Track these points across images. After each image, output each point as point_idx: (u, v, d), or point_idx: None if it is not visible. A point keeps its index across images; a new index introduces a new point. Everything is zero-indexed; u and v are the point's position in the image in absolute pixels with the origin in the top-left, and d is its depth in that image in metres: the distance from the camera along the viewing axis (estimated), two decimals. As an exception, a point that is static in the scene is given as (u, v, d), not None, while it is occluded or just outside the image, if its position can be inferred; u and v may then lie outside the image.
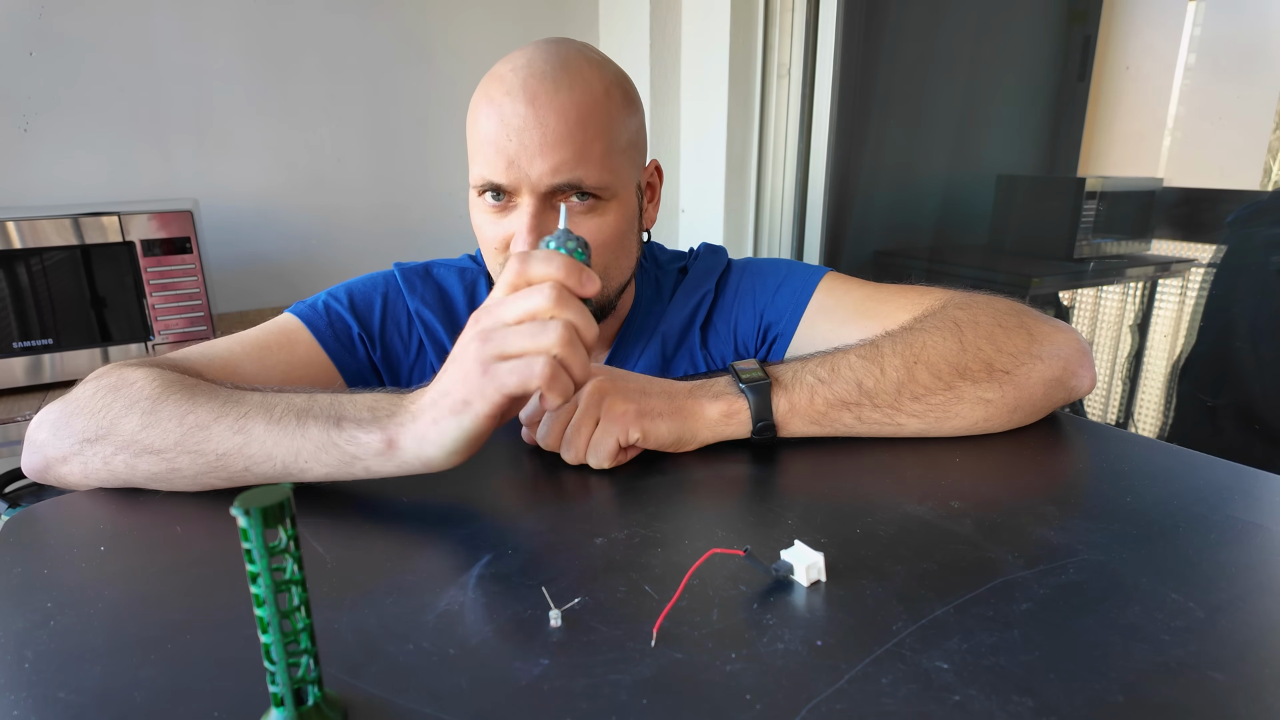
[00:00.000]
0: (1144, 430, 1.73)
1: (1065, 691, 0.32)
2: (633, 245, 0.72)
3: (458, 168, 1.81)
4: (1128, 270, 1.70)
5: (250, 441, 0.49)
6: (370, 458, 0.48)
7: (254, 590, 0.28)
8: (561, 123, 0.62)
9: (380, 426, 0.47)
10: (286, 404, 0.50)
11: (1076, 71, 1.78)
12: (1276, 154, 1.46)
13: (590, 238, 0.66)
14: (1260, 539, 0.44)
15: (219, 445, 0.49)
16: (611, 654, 0.34)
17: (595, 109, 0.63)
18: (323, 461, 0.48)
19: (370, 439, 0.47)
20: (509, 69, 0.64)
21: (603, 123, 0.64)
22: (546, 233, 0.64)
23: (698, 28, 1.70)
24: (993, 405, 0.57)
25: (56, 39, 1.41)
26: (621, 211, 0.68)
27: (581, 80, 0.63)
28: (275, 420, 0.49)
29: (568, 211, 0.65)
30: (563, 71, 0.63)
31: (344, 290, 0.74)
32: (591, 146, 0.63)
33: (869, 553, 0.43)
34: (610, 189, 0.66)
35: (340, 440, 0.48)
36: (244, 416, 0.49)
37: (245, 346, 0.65)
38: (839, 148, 1.64)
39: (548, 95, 0.62)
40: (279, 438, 0.48)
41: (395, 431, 0.47)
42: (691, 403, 0.56)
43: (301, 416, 0.49)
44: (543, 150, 0.62)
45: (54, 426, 0.53)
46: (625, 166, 0.68)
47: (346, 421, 0.48)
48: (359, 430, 0.47)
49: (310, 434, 0.48)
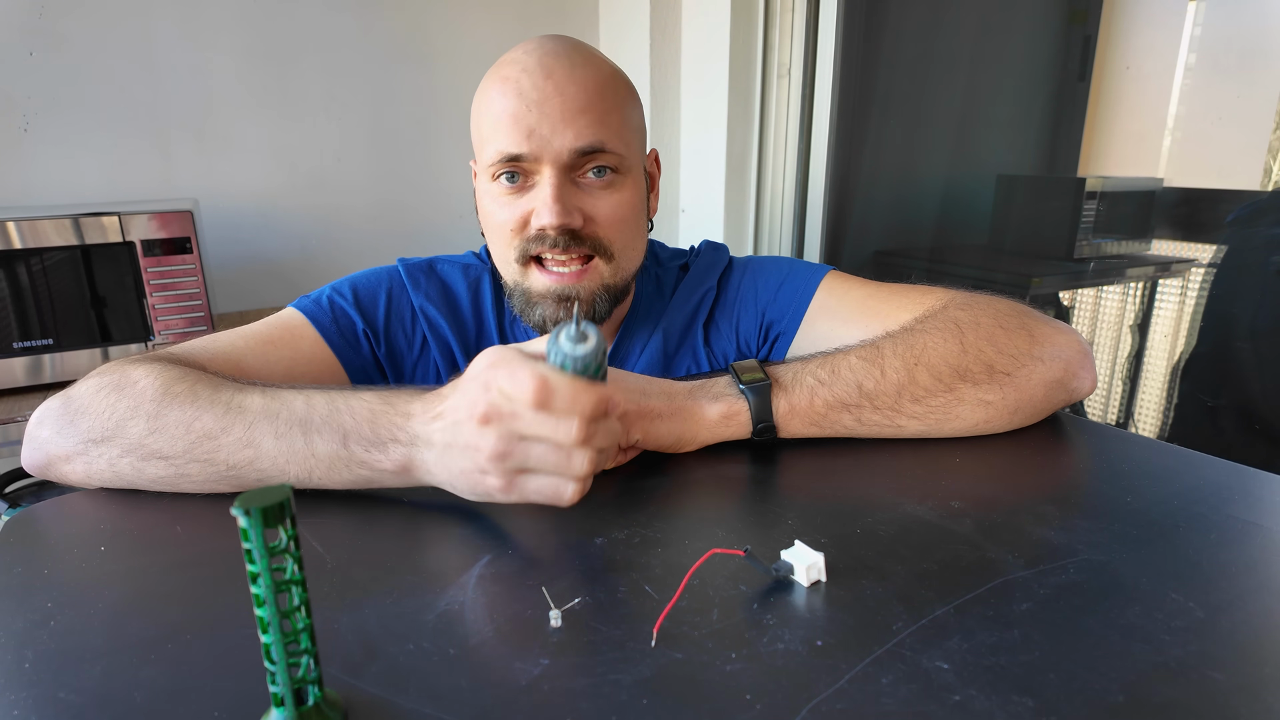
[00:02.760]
0: (1144, 430, 1.73)
1: (1065, 691, 0.32)
2: (643, 228, 0.73)
3: (458, 167, 1.81)
4: (1128, 270, 1.70)
5: (260, 456, 0.49)
6: (386, 479, 0.49)
7: (254, 590, 0.28)
8: (581, 92, 0.63)
9: (386, 452, 0.48)
10: (289, 412, 0.50)
11: (1076, 71, 1.78)
12: (1276, 154, 1.46)
13: (609, 214, 0.66)
14: (1260, 539, 0.44)
15: (229, 458, 0.49)
16: (611, 654, 0.34)
17: (609, 83, 0.66)
18: (338, 479, 0.49)
19: (383, 465, 0.48)
20: (520, 53, 0.65)
21: (617, 96, 0.66)
22: (569, 204, 0.64)
23: (698, 28, 1.70)
24: (993, 407, 0.57)
25: (56, 39, 1.41)
26: (635, 188, 0.69)
27: (593, 59, 0.66)
28: (281, 435, 0.49)
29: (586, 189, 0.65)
30: (575, 51, 0.65)
31: (348, 285, 0.73)
32: (610, 115, 0.65)
33: (869, 553, 0.43)
34: (626, 161, 0.67)
35: (352, 463, 0.48)
36: (250, 428, 0.49)
37: (248, 341, 0.65)
38: (839, 148, 1.64)
39: (565, 70, 0.63)
40: (288, 455, 0.49)
41: (407, 461, 0.48)
42: (691, 404, 0.56)
43: (306, 430, 0.49)
44: (565, 118, 0.63)
45: (57, 424, 0.52)
46: (635, 145, 0.69)
47: (351, 442, 0.48)
48: (367, 455, 0.48)
49: (318, 453, 0.48)
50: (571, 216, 0.64)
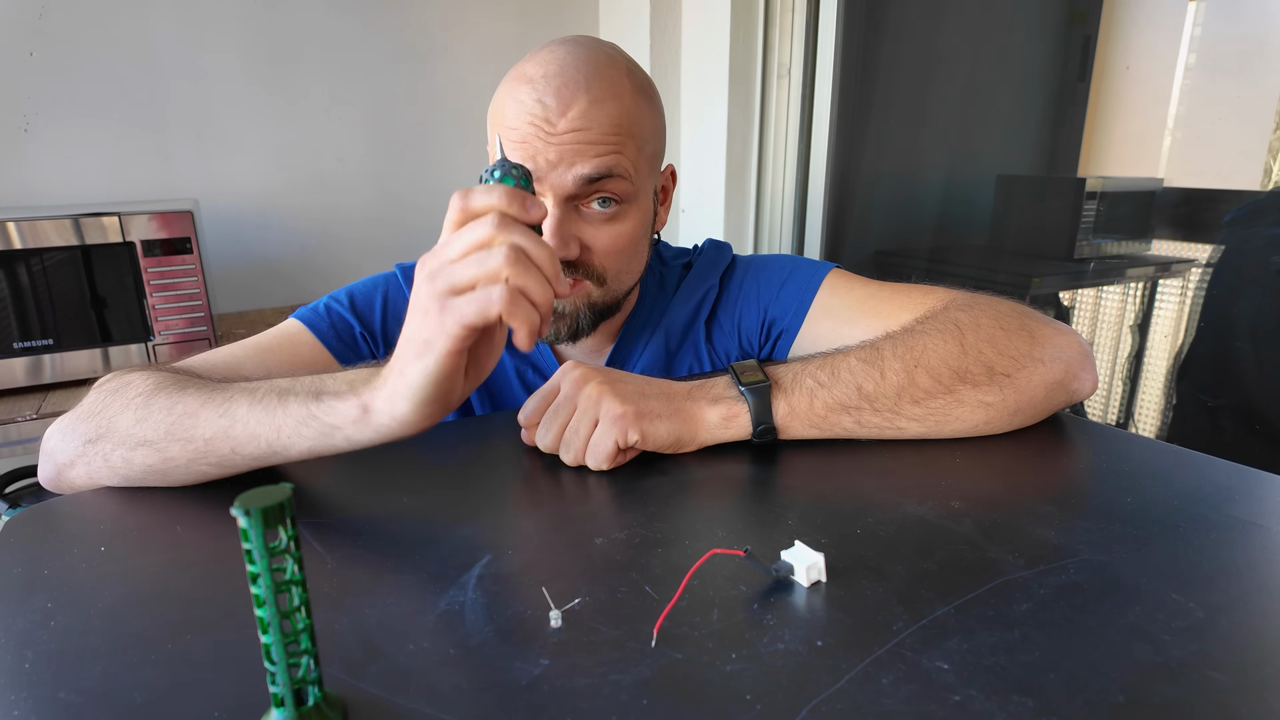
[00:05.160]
0: (1144, 430, 1.73)
1: (1065, 691, 0.32)
2: (645, 250, 0.72)
3: (458, 167, 1.81)
4: (1128, 270, 1.70)
5: (235, 423, 0.49)
6: (348, 426, 0.47)
7: (254, 590, 0.28)
8: (595, 126, 0.62)
9: (356, 393, 0.47)
10: (270, 385, 0.51)
11: (1076, 71, 1.78)
12: (1276, 154, 1.46)
13: (607, 245, 0.66)
14: (1260, 539, 0.44)
15: (205, 430, 0.49)
16: (611, 654, 0.34)
17: (628, 113, 0.64)
18: (304, 436, 0.48)
19: (346, 406, 0.47)
20: (539, 73, 0.63)
21: (634, 126, 0.65)
22: (568, 237, 0.64)
23: (698, 28, 1.70)
24: (993, 409, 0.57)
25: (56, 39, 1.41)
26: (639, 218, 0.68)
27: (613, 88, 0.64)
28: (258, 400, 0.49)
29: (588, 219, 0.65)
30: (600, 78, 0.63)
31: (345, 293, 0.75)
32: (624, 148, 0.64)
33: (869, 553, 0.43)
34: (634, 191, 0.66)
35: (319, 412, 0.48)
36: (228, 400, 0.50)
37: (247, 350, 0.66)
38: (839, 148, 1.64)
39: (584, 102, 0.62)
40: (261, 416, 0.49)
41: (369, 396, 0.47)
42: (690, 405, 0.56)
43: (283, 395, 0.49)
44: (576, 150, 0.62)
45: (61, 434, 0.54)
46: (646, 172, 0.68)
47: (326, 395, 0.48)
48: (335, 400, 0.48)
49: (291, 409, 0.48)
50: (569, 248, 0.64)
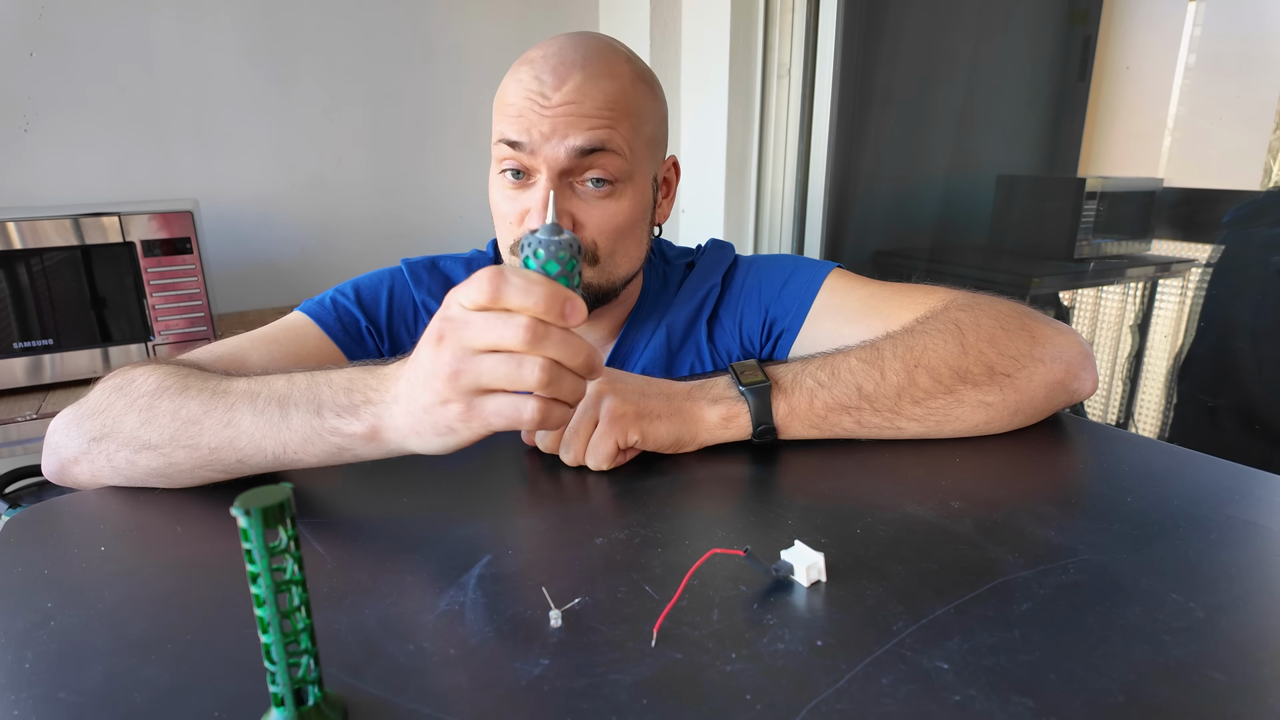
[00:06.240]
0: (1144, 430, 1.73)
1: (1065, 691, 0.32)
2: (643, 236, 0.72)
3: (458, 168, 1.81)
4: (1128, 270, 1.70)
5: (239, 435, 0.49)
6: (358, 445, 0.47)
7: (254, 590, 0.28)
8: (588, 100, 0.63)
9: (358, 415, 0.46)
10: (269, 391, 0.49)
11: (1076, 71, 1.78)
12: (1276, 154, 1.46)
13: (600, 223, 0.66)
14: (1260, 539, 0.44)
15: (211, 440, 0.49)
16: (611, 654, 0.34)
17: (624, 94, 0.65)
18: (311, 453, 0.48)
19: (353, 429, 0.47)
20: (539, 54, 0.65)
21: (630, 107, 0.66)
22: (561, 213, 0.65)
23: (698, 28, 1.70)
24: (993, 409, 0.57)
25: (56, 39, 1.41)
26: (636, 200, 0.68)
27: (614, 69, 0.65)
28: (259, 411, 0.49)
29: (582, 196, 0.66)
30: (598, 58, 0.65)
31: (350, 286, 0.75)
32: (618, 126, 0.65)
33: (869, 553, 0.43)
34: (628, 172, 0.67)
35: (324, 431, 0.47)
36: (231, 409, 0.49)
37: (252, 342, 0.66)
38: (839, 148, 1.64)
39: (579, 78, 0.63)
40: (265, 430, 0.48)
41: (377, 421, 0.46)
42: (690, 405, 0.56)
43: (283, 405, 0.48)
44: (568, 123, 0.63)
45: (66, 429, 0.54)
46: (644, 156, 0.69)
47: (326, 410, 0.47)
48: (339, 421, 0.47)
49: (294, 425, 0.48)
50: (560, 222, 0.65)
